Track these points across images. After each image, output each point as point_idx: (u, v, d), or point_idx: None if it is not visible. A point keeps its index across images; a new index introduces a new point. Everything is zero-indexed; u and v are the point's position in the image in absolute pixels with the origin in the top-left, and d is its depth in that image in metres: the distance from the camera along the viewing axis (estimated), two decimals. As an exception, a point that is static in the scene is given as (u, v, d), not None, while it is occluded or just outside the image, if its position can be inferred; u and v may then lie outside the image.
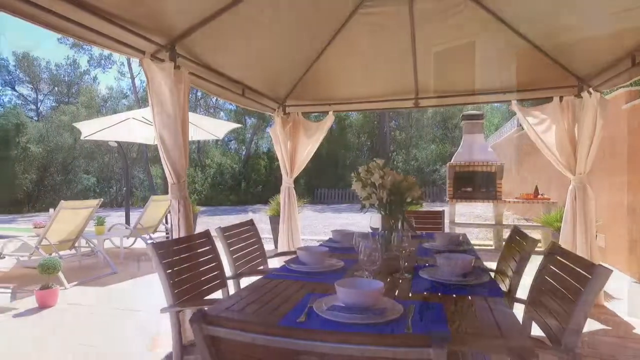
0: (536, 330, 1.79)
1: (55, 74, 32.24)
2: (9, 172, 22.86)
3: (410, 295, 1.53)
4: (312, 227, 11.38)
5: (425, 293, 1.55)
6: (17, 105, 29.67)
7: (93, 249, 5.98)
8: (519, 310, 1.81)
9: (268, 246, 7.73)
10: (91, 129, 7.40)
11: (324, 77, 4.65)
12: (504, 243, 6.96)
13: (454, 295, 1.51)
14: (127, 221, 10.13)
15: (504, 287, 2.26)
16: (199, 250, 2.33)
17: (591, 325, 3.36)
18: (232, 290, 2.52)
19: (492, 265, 2.93)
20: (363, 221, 12.73)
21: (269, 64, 4.16)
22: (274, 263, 4.68)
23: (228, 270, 2.58)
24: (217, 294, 2.38)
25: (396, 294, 1.57)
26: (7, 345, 3.15)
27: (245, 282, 2.65)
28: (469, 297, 1.50)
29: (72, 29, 2.23)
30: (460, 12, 3.46)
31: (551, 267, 1.79)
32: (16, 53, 31.12)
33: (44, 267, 4.10)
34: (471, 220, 11.11)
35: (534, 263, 2.10)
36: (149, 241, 6.86)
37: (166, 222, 7.63)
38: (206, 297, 2.21)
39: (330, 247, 2.57)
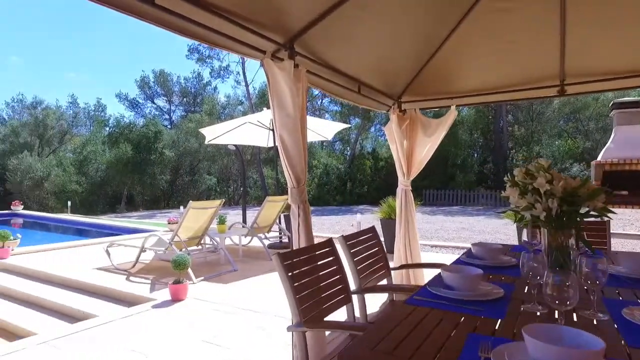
0: None
1: (184, 86, 36.62)
2: (150, 173, 26.56)
3: (627, 352, 1.08)
4: (424, 231, 10.74)
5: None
6: (155, 116, 34.48)
7: (216, 246, 6.37)
8: None
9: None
10: (214, 134, 7.97)
11: (445, 68, 4.17)
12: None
13: None
14: (244, 220, 10.78)
15: None
16: (323, 262, 2.14)
17: None
18: (356, 306, 2.28)
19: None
20: (478, 225, 11.62)
21: (385, 58, 3.86)
22: (395, 277, 4.38)
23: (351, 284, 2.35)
24: (342, 311, 2.16)
25: (600, 346, 1.13)
26: (147, 333, 3.40)
27: (369, 298, 2.39)
28: None
29: (198, 31, 2.23)
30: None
31: None
32: (154, 70, 36.16)
33: (176, 263, 4.42)
34: (620, 228, 9.30)
35: None
36: (272, 251, 7.10)
37: (279, 222, 7.84)
38: (329, 317, 1.99)
39: (470, 264, 2.16)
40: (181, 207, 16.93)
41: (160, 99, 37.29)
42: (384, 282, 2.77)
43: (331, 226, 12.50)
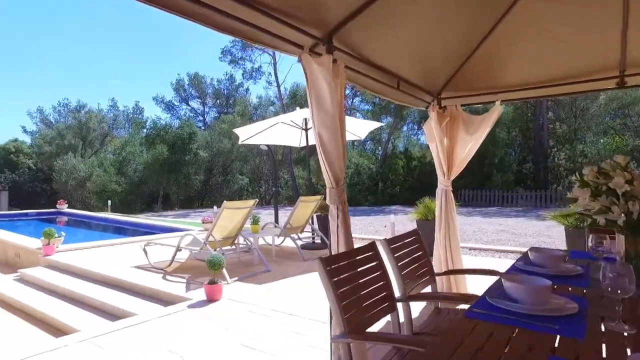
0: None
1: (217, 88, 37.39)
2: (185, 173, 27.27)
3: None
4: (460, 232, 10.30)
5: None
6: (190, 118, 35.39)
7: (249, 247, 6.36)
8: None
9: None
10: (247, 134, 8.00)
11: (490, 61, 3.94)
12: None
13: None
14: (276, 220, 10.78)
15: None
16: (366, 267, 2.01)
17: None
18: (401, 314, 2.14)
19: None
20: (519, 227, 11.09)
21: (425, 52, 3.68)
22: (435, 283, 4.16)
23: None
24: (385, 319, 2.03)
25: None
26: (184, 334, 3.39)
27: (414, 305, 2.25)
28: None
29: (236, 26, 2.16)
30: None
31: None
32: (189, 73, 37.13)
33: (211, 264, 4.41)
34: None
35: None
36: (305, 252, 7.03)
37: (312, 223, 7.76)
38: (371, 328, 1.86)
39: (529, 273, 1.96)
40: (215, 207, 17.21)
41: (194, 101, 38.29)
42: (428, 288, 2.61)
43: (364, 227, 12.31)
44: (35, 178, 32.66)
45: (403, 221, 12.38)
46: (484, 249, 7.76)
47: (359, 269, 1.95)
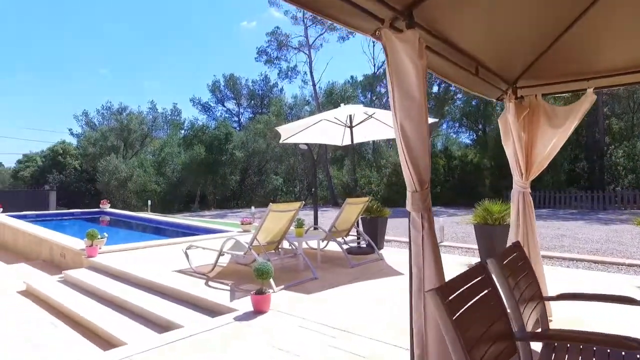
0: None
1: (252, 89, 37.66)
2: (221, 174, 27.51)
3: None
4: (514, 237, 9.56)
5: None
6: (226, 119, 35.82)
7: (294, 251, 6.00)
8: None
9: (469, 259, 6.60)
10: (289, 132, 7.67)
11: (579, 44, 3.33)
12: None
13: None
14: (315, 221, 10.42)
15: None
16: (480, 295, 1.54)
17: None
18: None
19: None
20: (580, 232, 10.14)
21: (505, 33, 3.14)
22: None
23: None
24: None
25: None
26: (232, 353, 3.04)
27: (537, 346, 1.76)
28: None
29: None
30: None
31: None
32: (225, 75, 37.61)
33: (259, 272, 4.06)
34: None
35: None
36: (351, 257, 6.59)
37: (357, 226, 7.31)
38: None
39: None
40: (253, 207, 17.07)
41: (230, 102, 38.79)
42: (536, 317, 2.10)
43: (406, 230, 11.68)
44: (81, 178, 34.08)
45: (449, 224, 11.70)
46: (548, 257, 7.03)
47: (474, 300, 1.49)
